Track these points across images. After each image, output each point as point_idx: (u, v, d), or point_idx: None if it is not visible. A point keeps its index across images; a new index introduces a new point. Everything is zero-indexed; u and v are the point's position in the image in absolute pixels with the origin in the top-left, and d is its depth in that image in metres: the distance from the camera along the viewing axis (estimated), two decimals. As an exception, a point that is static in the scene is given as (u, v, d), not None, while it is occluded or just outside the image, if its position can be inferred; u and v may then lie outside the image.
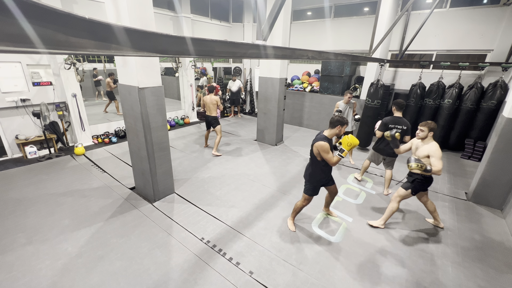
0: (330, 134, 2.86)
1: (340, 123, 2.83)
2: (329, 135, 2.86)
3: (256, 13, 7.61)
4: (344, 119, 2.82)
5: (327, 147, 2.75)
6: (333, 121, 2.84)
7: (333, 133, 2.85)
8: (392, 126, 3.94)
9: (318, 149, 2.78)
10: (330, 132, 2.87)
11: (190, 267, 2.73)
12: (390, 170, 4.27)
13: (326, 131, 2.89)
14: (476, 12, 6.06)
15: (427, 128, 3.04)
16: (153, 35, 1.07)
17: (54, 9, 0.68)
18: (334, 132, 2.84)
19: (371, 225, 3.45)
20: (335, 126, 2.82)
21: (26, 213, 3.51)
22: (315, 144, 2.80)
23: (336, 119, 2.84)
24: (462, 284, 2.65)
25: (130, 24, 2.92)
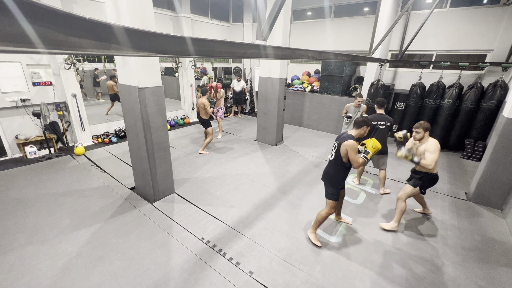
0: (357, 134, 2.83)
1: (366, 124, 2.81)
2: (355, 135, 2.82)
3: (256, 13, 7.61)
4: (368, 119, 2.83)
5: (356, 146, 2.71)
6: (359, 121, 2.83)
7: (358, 134, 2.82)
8: (375, 123, 4.10)
9: (347, 148, 2.70)
10: (356, 132, 2.83)
11: (190, 267, 2.73)
12: (384, 170, 4.33)
13: (351, 131, 2.87)
14: (476, 12, 6.06)
15: (422, 129, 3.06)
16: (153, 35, 1.07)
17: (54, 9, 0.68)
18: (360, 132, 2.82)
19: (384, 228, 3.37)
20: (361, 126, 2.81)
21: (26, 213, 3.51)
22: (344, 143, 2.72)
23: (362, 119, 2.83)
24: (462, 284, 2.65)
25: (130, 24, 2.92)
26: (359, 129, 2.83)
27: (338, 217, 3.57)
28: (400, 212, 3.26)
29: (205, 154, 5.83)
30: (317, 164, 5.50)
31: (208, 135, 5.82)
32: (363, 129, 2.81)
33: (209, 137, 5.81)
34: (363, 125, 2.80)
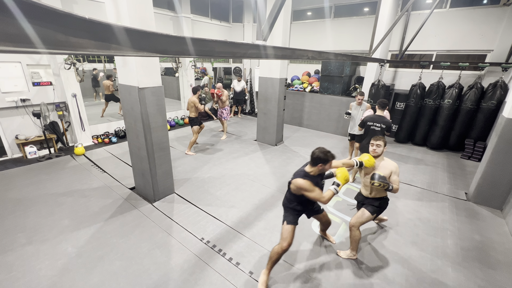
0: (312, 171, 2.29)
1: (321, 161, 2.21)
2: (310, 172, 2.30)
3: (256, 13, 7.61)
4: (327, 154, 2.23)
5: (308, 185, 2.20)
6: (313, 157, 2.24)
7: (314, 170, 2.27)
8: (370, 123, 4.11)
9: (297, 188, 2.26)
10: (311, 169, 2.29)
11: (190, 267, 2.73)
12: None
13: (307, 166, 2.34)
14: (476, 12, 6.06)
15: (383, 142, 2.74)
16: (153, 35, 1.07)
17: (54, 9, 0.68)
18: (316, 169, 2.26)
19: (341, 256, 2.96)
20: (316, 164, 2.24)
21: (26, 213, 3.50)
22: (293, 181, 2.28)
23: (316, 155, 2.22)
24: (462, 284, 2.65)
25: (130, 24, 2.92)
26: (314, 166, 2.26)
27: (323, 233, 3.21)
28: (356, 241, 2.85)
29: (191, 155, 5.77)
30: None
31: (193, 133, 5.82)
32: (320, 167, 2.24)
33: (194, 136, 5.81)
34: (318, 162, 2.22)
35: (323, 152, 2.23)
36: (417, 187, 4.63)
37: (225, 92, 6.86)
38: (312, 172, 2.30)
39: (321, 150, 2.24)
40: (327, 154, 2.23)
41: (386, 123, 4.00)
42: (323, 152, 2.23)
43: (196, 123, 5.79)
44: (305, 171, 2.31)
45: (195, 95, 5.65)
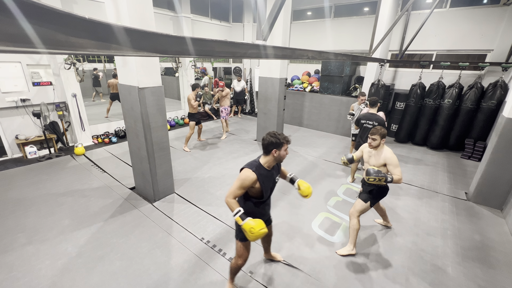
0: (266, 162, 1.99)
1: (274, 146, 1.92)
2: (264, 163, 1.99)
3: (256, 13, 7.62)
4: (278, 137, 1.94)
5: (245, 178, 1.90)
6: (265, 143, 1.94)
7: (269, 160, 1.99)
8: (364, 121, 4.15)
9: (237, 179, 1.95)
10: (265, 160, 1.99)
11: (190, 267, 2.73)
12: None
13: (261, 157, 2.04)
14: (476, 12, 6.06)
15: (379, 136, 2.74)
16: (153, 35, 1.07)
17: (54, 9, 0.68)
18: (270, 159, 1.98)
19: (341, 254, 2.94)
20: (269, 151, 1.94)
21: (26, 213, 3.50)
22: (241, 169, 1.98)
23: (267, 140, 1.93)
24: (462, 284, 2.65)
25: (130, 24, 2.92)
26: (268, 155, 1.98)
27: (268, 254, 2.82)
28: (354, 231, 2.88)
29: (187, 151, 5.94)
30: (317, 164, 5.50)
31: (190, 128, 5.96)
32: (274, 153, 1.94)
33: (190, 131, 5.96)
34: (271, 148, 1.93)
35: (273, 136, 1.94)
36: (417, 187, 4.63)
37: (226, 89, 6.88)
38: (266, 164, 1.98)
39: (271, 133, 1.97)
40: (278, 137, 1.93)
41: (378, 120, 4.04)
42: (273, 136, 1.94)
43: (193, 119, 5.93)
44: (259, 163, 1.99)
45: (194, 92, 5.80)
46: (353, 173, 4.76)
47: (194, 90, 5.80)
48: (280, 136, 1.94)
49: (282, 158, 1.99)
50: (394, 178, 2.58)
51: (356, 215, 2.87)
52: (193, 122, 5.95)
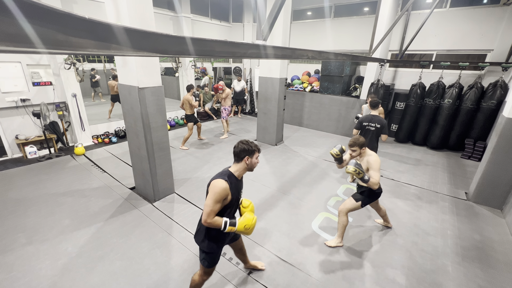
0: (237, 170, 1.89)
1: (247, 153, 1.84)
2: (235, 172, 1.88)
3: (256, 13, 7.62)
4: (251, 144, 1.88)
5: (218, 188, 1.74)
6: (237, 150, 1.86)
7: (240, 169, 1.88)
8: (366, 124, 4.09)
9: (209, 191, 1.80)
10: (237, 168, 1.89)
11: (190, 267, 2.73)
12: None
13: (232, 166, 1.94)
14: (476, 12, 6.05)
15: (357, 147, 2.80)
16: (153, 35, 1.07)
17: (54, 9, 0.68)
18: (242, 166, 1.88)
19: (329, 245, 3.08)
20: (242, 158, 1.86)
21: (26, 213, 3.50)
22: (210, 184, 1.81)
23: (239, 147, 1.86)
24: (462, 284, 2.65)
25: (130, 24, 2.92)
26: (240, 162, 1.88)
27: (248, 264, 2.65)
28: (342, 227, 3.00)
29: (185, 149, 6.03)
30: (317, 164, 5.51)
31: (188, 129, 6.02)
32: (246, 161, 1.86)
33: (188, 132, 6.03)
34: (244, 155, 1.84)
35: (246, 143, 1.88)
36: (417, 186, 4.63)
37: (227, 90, 6.86)
38: (237, 172, 1.88)
39: (243, 141, 1.91)
40: (250, 144, 1.88)
41: (380, 122, 3.98)
42: (246, 143, 1.88)
43: (191, 120, 6.00)
44: (230, 172, 1.88)
45: (189, 93, 5.85)
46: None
47: (189, 91, 5.86)
48: (252, 144, 1.90)
49: (253, 167, 1.92)
50: (370, 180, 2.64)
51: (345, 212, 2.96)
52: (192, 123, 6.02)
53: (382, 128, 3.97)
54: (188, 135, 6.03)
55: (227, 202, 1.84)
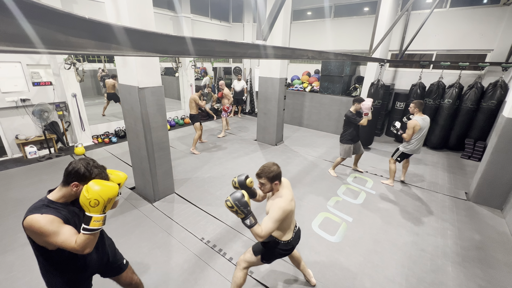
0: (60, 197, 1.46)
1: (77, 178, 1.42)
2: (57, 199, 1.45)
3: (256, 13, 7.61)
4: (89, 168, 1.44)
5: (45, 223, 1.29)
6: (67, 171, 1.45)
7: (67, 196, 1.47)
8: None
9: (29, 232, 1.32)
10: (59, 194, 1.46)
11: (190, 267, 2.73)
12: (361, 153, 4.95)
13: (55, 190, 1.50)
14: (476, 12, 6.05)
15: (265, 179, 1.98)
16: (153, 35, 1.07)
17: (54, 9, 0.68)
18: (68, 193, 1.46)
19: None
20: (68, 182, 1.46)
21: (26, 213, 3.50)
22: (23, 222, 1.32)
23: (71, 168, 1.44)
24: (462, 284, 2.65)
25: (130, 24, 2.92)
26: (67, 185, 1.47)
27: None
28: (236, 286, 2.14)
29: (196, 154, 5.82)
30: (317, 164, 5.51)
31: (196, 130, 5.88)
32: (73, 189, 1.44)
33: (197, 133, 5.87)
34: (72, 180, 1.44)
35: (85, 164, 1.43)
36: (417, 187, 4.63)
37: (226, 89, 6.87)
38: (62, 199, 1.44)
39: (84, 160, 1.46)
40: (89, 168, 1.43)
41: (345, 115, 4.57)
42: (85, 164, 1.43)
43: (197, 120, 5.86)
44: (48, 200, 1.42)
45: (197, 93, 5.74)
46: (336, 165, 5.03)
47: (198, 91, 5.76)
48: (93, 170, 1.45)
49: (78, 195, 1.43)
50: (254, 228, 1.75)
51: (242, 266, 2.14)
52: (198, 123, 5.85)
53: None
54: (198, 136, 5.87)
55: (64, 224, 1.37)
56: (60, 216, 1.37)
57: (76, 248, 1.32)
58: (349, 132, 4.58)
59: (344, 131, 4.65)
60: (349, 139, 4.62)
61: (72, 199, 1.48)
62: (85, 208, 1.31)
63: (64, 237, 1.31)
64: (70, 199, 1.47)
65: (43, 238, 1.31)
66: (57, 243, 1.31)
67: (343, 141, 4.67)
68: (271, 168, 1.97)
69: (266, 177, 1.97)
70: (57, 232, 1.31)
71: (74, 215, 1.47)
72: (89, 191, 1.30)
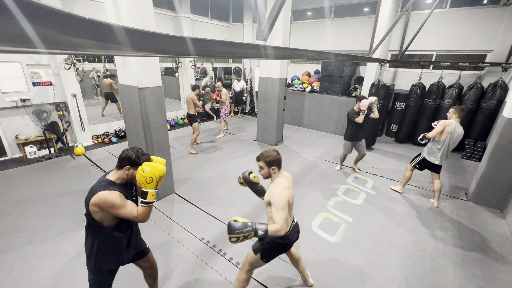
0: (118, 178, 1.68)
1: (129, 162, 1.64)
2: (116, 180, 1.67)
3: (256, 13, 7.61)
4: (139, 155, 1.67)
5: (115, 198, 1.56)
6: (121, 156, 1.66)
7: (121, 178, 1.68)
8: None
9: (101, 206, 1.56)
10: (117, 176, 1.68)
11: (190, 267, 2.73)
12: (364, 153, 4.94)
13: (111, 173, 1.72)
14: (476, 12, 6.06)
15: (264, 162, 1.99)
16: (153, 35, 1.07)
17: (54, 9, 0.69)
18: (123, 175, 1.67)
19: None
20: (122, 166, 1.66)
21: (26, 213, 3.50)
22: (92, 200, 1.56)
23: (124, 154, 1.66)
24: (462, 284, 2.65)
25: (130, 24, 2.92)
26: (120, 169, 1.67)
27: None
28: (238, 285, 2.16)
29: (194, 153, 5.82)
30: (317, 164, 5.51)
31: (195, 130, 5.86)
32: (126, 172, 1.66)
33: (195, 133, 5.86)
34: (125, 164, 1.65)
35: (135, 152, 1.67)
36: (417, 187, 4.63)
37: (224, 90, 6.86)
38: (118, 180, 1.68)
39: (134, 148, 1.70)
40: (139, 155, 1.66)
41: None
42: (135, 152, 1.67)
43: (195, 120, 5.86)
44: (109, 180, 1.66)
45: (194, 92, 5.73)
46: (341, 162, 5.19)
47: (194, 90, 5.76)
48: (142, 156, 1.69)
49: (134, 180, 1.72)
50: (269, 229, 1.72)
51: (245, 268, 2.13)
52: (197, 123, 5.85)
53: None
54: (196, 136, 5.85)
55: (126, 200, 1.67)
56: (123, 193, 1.65)
57: (138, 218, 1.62)
58: (349, 129, 4.73)
59: (346, 128, 4.82)
60: (349, 136, 4.76)
61: (125, 181, 1.73)
62: (142, 185, 1.58)
63: (129, 208, 1.61)
64: (123, 181, 1.72)
65: (112, 210, 1.57)
66: (124, 214, 1.60)
67: (344, 138, 4.89)
68: (269, 153, 2.00)
69: (264, 160, 2.00)
70: (124, 205, 1.60)
71: (128, 194, 1.73)
72: (144, 170, 1.56)
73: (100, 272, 1.83)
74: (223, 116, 7.03)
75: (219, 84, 6.88)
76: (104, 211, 1.59)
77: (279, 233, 1.75)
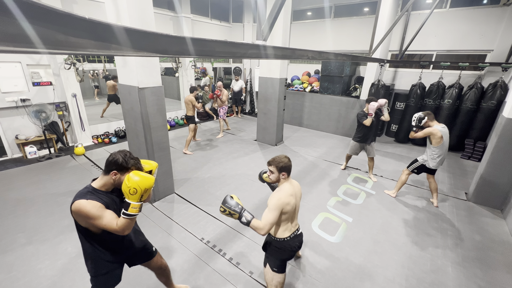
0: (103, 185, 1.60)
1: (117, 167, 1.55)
2: (100, 187, 1.60)
3: (256, 13, 7.61)
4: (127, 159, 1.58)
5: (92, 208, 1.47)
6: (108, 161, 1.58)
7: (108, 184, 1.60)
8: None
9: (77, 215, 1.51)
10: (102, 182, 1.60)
11: (190, 267, 2.73)
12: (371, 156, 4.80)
13: (97, 179, 1.65)
14: (476, 12, 6.06)
15: (274, 167, 1.98)
16: (153, 35, 1.07)
17: (54, 9, 0.69)
18: (109, 181, 1.59)
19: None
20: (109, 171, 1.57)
21: (26, 213, 3.50)
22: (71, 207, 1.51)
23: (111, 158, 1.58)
24: (462, 284, 2.65)
25: (130, 24, 2.92)
26: (106, 174, 1.58)
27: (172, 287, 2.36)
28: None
29: (189, 154, 5.81)
30: (317, 164, 5.51)
31: (189, 131, 5.89)
32: (113, 177, 1.57)
33: (190, 134, 5.89)
34: (112, 168, 1.56)
35: (123, 155, 1.57)
36: (417, 187, 4.63)
37: (224, 91, 6.87)
38: (104, 187, 1.60)
39: (122, 152, 1.60)
40: (127, 159, 1.57)
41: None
42: (123, 155, 1.57)
43: (193, 121, 5.89)
44: (92, 187, 1.59)
45: (192, 94, 5.74)
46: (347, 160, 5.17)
47: (193, 92, 5.75)
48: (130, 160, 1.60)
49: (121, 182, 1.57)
50: (252, 222, 1.79)
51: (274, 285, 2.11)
52: (193, 125, 5.91)
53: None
54: (191, 137, 5.90)
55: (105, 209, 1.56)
56: (102, 202, 1.54)
57: (117, 230, 1.51)
58: (359, 130, 4.67)
59: (356, 129, 4.77)
60: (357, 137, 4.69)
61: (112, 187, 1.64)
62: (126, 195, 1.48)
63: (106, 220, 1.50)
64: (110, 187, 1.63)
65: (89, 221, 1.50)
66: (101, 225, 1.50)
67: (353, 138, 4.84)
68: (281, 159, 2.02)
69: (276, 166, 2.00)
70: (100, 216, 1.49)
71: (114, 202, 1.64)
72: (129, 180, 1.46)
73: (96, 275, 1.79)
74: (222, 116, 7.04)
75: (220, 84, 6.89)
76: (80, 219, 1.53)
77: (259, 231, 1.80)
